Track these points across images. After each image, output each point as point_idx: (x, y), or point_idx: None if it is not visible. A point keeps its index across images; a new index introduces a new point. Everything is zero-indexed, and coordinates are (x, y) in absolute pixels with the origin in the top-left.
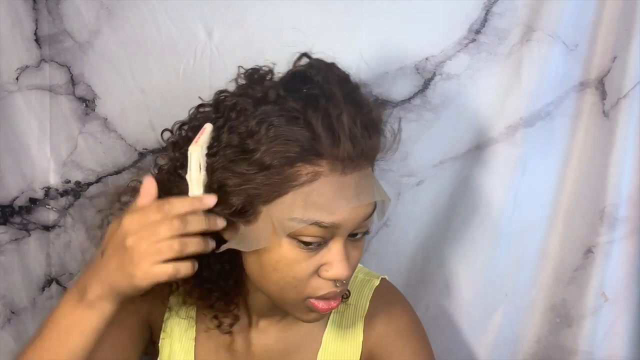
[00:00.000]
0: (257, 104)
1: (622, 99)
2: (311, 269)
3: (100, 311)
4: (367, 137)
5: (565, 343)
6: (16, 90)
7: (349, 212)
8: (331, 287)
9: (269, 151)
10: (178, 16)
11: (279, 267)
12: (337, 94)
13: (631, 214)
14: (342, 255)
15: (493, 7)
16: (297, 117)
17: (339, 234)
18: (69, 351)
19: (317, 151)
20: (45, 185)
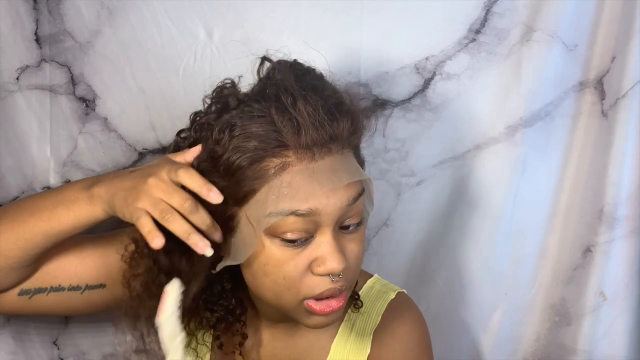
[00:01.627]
0: (219, 113)
1: (621, 99)
2: (301, 267)
3: (91, 209)
4: (334, 120)
5: (565, 342)
6: (16, 90)
7: (325, 196)
8: (328, 283)
9: (233, 152)
10: (178, 16)
11: (268, 270)
12: (294, 85)
13: (630, 213)
14: (331, 246)
15: (493, 7)
16: (256, 115)
17: (323, 224)
18: (48, 219)
19: (281, 142)
20: (46, 185)
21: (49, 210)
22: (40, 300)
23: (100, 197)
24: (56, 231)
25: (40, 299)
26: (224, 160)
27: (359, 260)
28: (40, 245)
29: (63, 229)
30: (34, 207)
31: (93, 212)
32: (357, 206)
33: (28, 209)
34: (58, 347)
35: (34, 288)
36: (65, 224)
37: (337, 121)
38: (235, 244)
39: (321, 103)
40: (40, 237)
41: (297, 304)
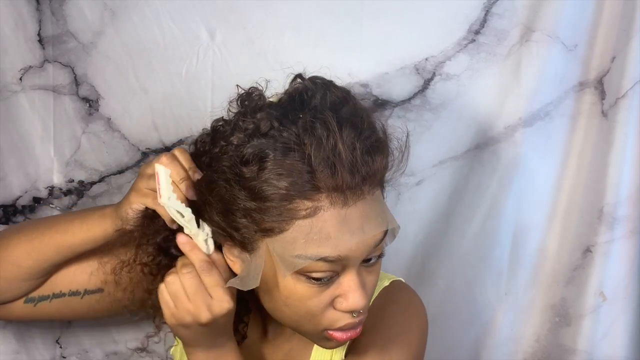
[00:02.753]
0: (250, 137)
1: (620, 99)
2: (324, 303)
3: (103, 221)
4: (369, 162)
5: (565, 342)
6: (20, 91)
7: (355, 244)
8: (348, 318)
9: (263, 184)
10: (181, 17)
11: (290, 303)
12: (332, 119)
13: (630, 213)
14: (356, 285)
15: (492, 7)
16: (291, 148)
17: (350, 265)
18: (63, 232)
19: (314, 185)
20: (49, 184)
21: (64, 224)
22: (45, 307)
23: (111, 210)
24: (69, 243)
25: (44, 306)
26: (252, 187)
27: (374, 289)
28: (52, 258)
29: (76, 242)
30: (51, 222)
31: (104, 225)
32: (380, 245)
33: (45, 224)
34: (60, 345)
35: (38, 296)
36: (79, 237)
37: (372, 162)
38: (248, 269)
39: (359, 144)
40: (53, 250)
41: (317, 332)
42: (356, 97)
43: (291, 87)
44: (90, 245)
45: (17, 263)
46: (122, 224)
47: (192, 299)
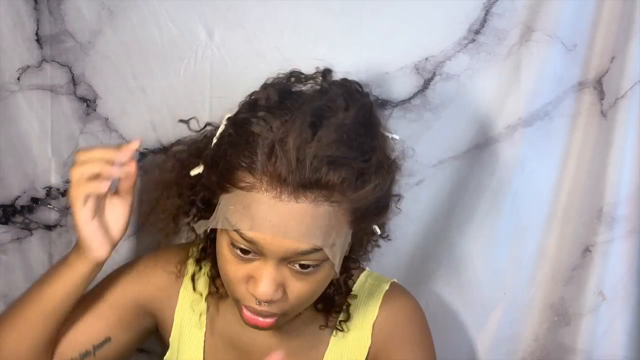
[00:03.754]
0: (251, 104)
1: (620, 99)
2: (240, 276)
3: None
4: (320, 171)
5: (564, 342)
6: (17, 90)
7: (270, 238)
8: (253, 302)
9: (230, 145)
10: (179, 16)
11: (219, 263)
12: (313, 118)
13: (629, 213)
14: (267, 275)
15: (492, 7)
16: (260, 125)
17: (269, 255)
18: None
19: (256, 164)
20: (47, 184)
21: (37, 295)
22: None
23: (73, 253)
24: (51, 310)
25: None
26: (226, 142)
27: (303, 298)
28: (43, 331)
29: (57, 305)
30: (26, 298)
31: (76, 272)
32: (311, 257)
33: (21, 303)
34: None
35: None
36: (57, 298)
37: (323, 175)
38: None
39: (320, 150)
40: (41, 323)
41: (236, 302)
42: (377, 120)
43: (326, 80)
44: (72, 297)
45: (14, 351)
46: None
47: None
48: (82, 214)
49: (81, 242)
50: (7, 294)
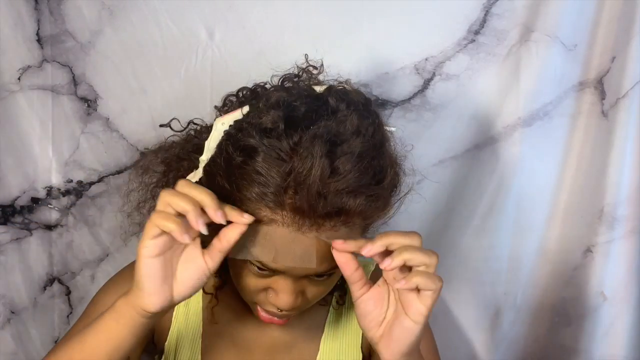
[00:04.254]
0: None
1: (621, 99)
2: (259, 287)
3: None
4: (340, 202)
5: (565, 342)
6: (18, 90)
7: (292, 267)
8: (274, 309)
9: (243, 177)
10: (179, 17)
11: (235, 273)
12: (328, 147)
13: (630, 213)
14: (288, 289)
15: (492, 8)
16: (278, 157)
17: (288, 274)
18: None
19: (277, 201)
20: (48, 184)
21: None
22: None
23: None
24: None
25: None
26: (233, 173)
27: (319, 297)
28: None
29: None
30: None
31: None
32: (328, 272)
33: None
34: None
35: None
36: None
37: (344, 205)
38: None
39: (338, 181)
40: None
41: (251, 303)
42: (383, 133)
43: (325, 91)
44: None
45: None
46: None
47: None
48: (149, 244)
49: (135, 278)
50: (5, 294)
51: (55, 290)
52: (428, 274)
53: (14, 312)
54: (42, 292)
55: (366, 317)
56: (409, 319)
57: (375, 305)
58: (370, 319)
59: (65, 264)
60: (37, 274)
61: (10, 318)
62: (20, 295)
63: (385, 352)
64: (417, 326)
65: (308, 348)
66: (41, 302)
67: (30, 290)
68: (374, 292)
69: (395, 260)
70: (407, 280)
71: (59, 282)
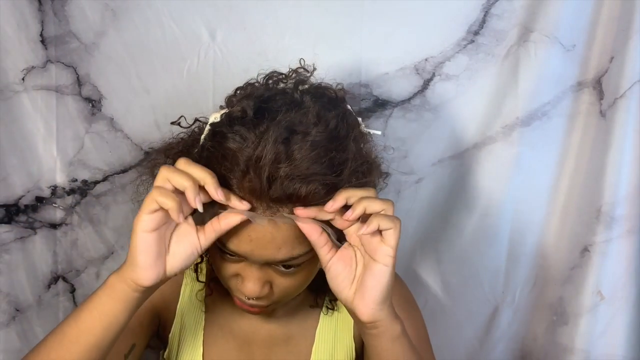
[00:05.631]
0: (228, 117)
1: (619, 99)
2: (230, 273)
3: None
4: (294, 187)
5: (562, 341)
6: (22, 91)
7: (251, 249)
8: (243, 296)
9: (211, 161)
10: (182, 18)
11: (211, 257)
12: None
13: (628, 213)
14: (252, 276)
15: (491, 8)
16: (237, 142)
17: (251, 261)
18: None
19: (233, 182)
20: (52, 184)
21: (75, 325)
22: None
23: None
24: (93, 342)
25: None
26: (205, 156)
27: (289, 291)
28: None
29: (98, 337)
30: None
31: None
32: (292, 262)
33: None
34: None
35: None
36: (95, 327)
37: (299, 190)
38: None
39: (293, 166)
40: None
41: (228, 289)
42: (352, 125)
43: (295, 85)
44: (114, 329)
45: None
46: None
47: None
48: (146, 218)
49: (129, 252)
50: (10, 292)
51: (59, 288)
52: (386, 215)
53: (19, 310)
54: (47, 290)
55: (337, 278)
56: (378, 264)
57: (345, 265)
58: (341, 279)
59: (69, 262)
60: (41, 272)
61: (16, 316)
62: (25, 294)
63: (361, 305)
64: (387, 268)
65: (304, 339)
66: (46, 300)
67: (35, 288)
68: (341, 254)
69: (356, 210)
70: (368, 225)
71: (64, 280)
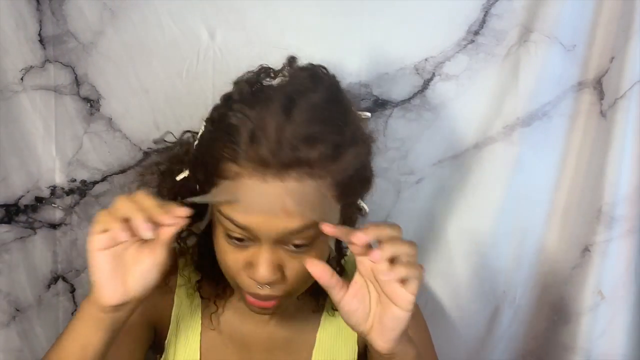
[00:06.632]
0: (228, 99)
1: (619, 99)
2: (239, 263)
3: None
4: (299, 149)
5: (563, 340)
6: (21, 91)
7: (262, 220)
8: (256, 288)
9: (213, 140)
10: (181, 17)
11: (218, 256)
12: (286, 101)
13: (628, 213)
14: (264, 258)
15: (491, 8)
16: (237, 117)
17: (263, 239)
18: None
19: (238, 153)
20: (51, 184)
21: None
22: None
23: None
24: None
25: None
26: (205, 144)
27: (301, 277)
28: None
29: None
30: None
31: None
32: (303, 234)
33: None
34: None
35: None
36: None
37: (304, 152)
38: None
39: (296, 128)
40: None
41: (236, 287)
42: (345, 98)
43: (292, 67)
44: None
45: None
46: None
47: None
48: (94, 238)
49: (89, 275)
50: (10, 292)
51: (59, 288)
52: (410, 263)
53: (19, 309)
54: (47, 290)
55: (353, 315)
56: (398, 309)
57: (359, 301)
58: (357, 315)
59: (69, 262)
60: (41, 272)
61: (16, 316)
62: (25, 293)
63: (379, 341)
64: (407, 313)
65: (305, 343)
66: (46, 299)
67: (34, 288)
68: (354, 290)
69: (385, 253)
70: (394, 272)
71: (64, 280)
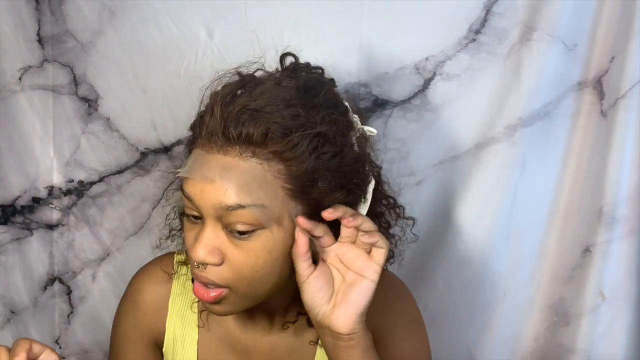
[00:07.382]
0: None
1: (620, 99)
2: (190, 242)
3: None
4: (244, 125)
5: (563, 341)
6: (19, 90)
7: (200, 188)
8: (194, 267)
9: (192, 123)
10: (179, 17)
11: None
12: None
13: (629, 213)
14: (202, 235)
15: (493, 7)
16: (211, 97)
17: (204, 215)
18: None
19: (201, 128)
20: (49, 184)
21: None
22: None
23: None
24: None
25: None
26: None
27: (243, 269)
28: None
29: None
30: None
31: None
32: (241, 215)
33: None
34: (60, 346)
35: None
36: None
37: (251, 125)
38: None
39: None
40: None
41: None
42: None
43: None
44: None
45: None
46: None
47: None
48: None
49: None
50: (5, 294)
51: (55, 290)
52: (382, 235)
53: (14, 311)
54: (43, 292)
55: (317, 293)
56: (365, 279)
57: (325, 282)
58: (321, 295)
59: (66, 264)
60: (37, 274)
61: (11, 318)
62: (20, 295)
63: (342, 318)
64: (374, 284)
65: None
66: (42, 301)
67: (30, 290)
68: (321, 271)
69: (357, 221)
70: (370, 235)
71: (60, 282)
